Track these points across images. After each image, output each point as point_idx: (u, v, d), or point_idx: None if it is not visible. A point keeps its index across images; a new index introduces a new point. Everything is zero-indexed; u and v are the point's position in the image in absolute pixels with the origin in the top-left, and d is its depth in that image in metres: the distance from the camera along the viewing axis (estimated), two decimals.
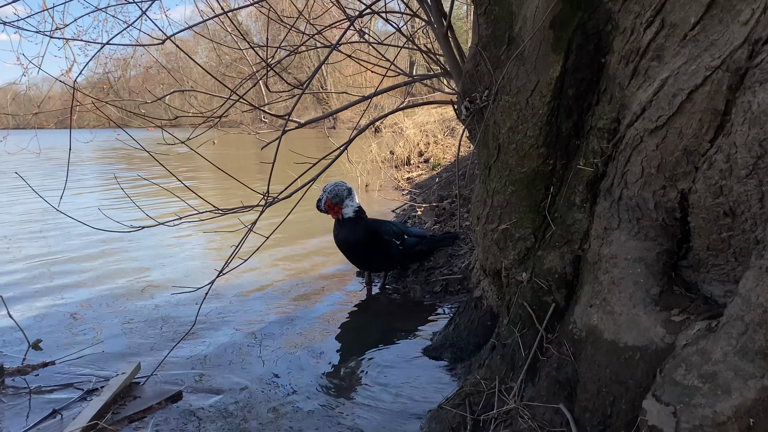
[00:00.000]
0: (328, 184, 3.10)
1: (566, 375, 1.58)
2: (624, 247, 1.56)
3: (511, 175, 1.80)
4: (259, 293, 3.25)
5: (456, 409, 1.70)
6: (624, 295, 1.52)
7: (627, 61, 1.50)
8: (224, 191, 7.23)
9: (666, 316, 1.44)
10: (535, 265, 1.78)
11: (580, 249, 1.69)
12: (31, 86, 6.62)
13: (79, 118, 24.09)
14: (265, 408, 1.98)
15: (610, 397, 1.41)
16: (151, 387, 2.09)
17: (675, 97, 1.37)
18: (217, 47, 12.58)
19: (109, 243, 4.55)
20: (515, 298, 1.84)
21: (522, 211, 1.81)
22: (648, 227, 1.53)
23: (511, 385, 1.69)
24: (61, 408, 1.93)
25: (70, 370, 2.28)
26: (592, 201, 1.67)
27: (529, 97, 1.70)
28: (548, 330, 1.73)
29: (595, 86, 1.63)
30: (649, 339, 1.41)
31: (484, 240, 1.93)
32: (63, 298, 3.21)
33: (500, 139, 1.81)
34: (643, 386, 1.35)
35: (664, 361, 1.31)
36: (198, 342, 2.55)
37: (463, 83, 2.00)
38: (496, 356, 1.82)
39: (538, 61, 1.67)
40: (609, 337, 1.50)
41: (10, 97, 7.67)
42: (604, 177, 1.64)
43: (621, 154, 1.56)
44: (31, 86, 6.61)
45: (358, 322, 2.87)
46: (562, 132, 1.70)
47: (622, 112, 1.56)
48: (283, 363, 2.33)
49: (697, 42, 1.33)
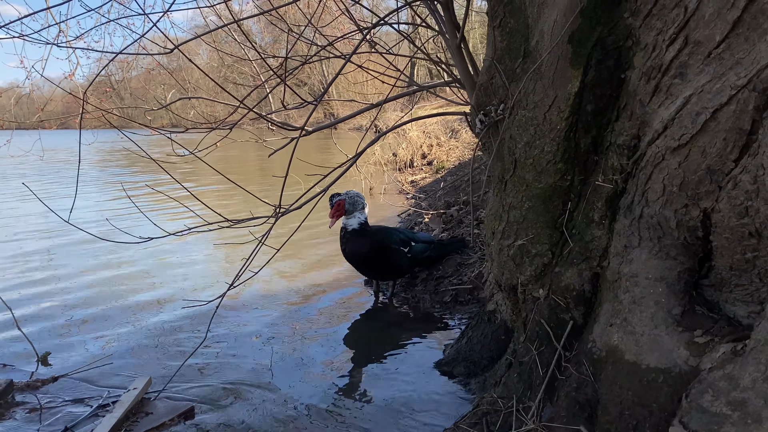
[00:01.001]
0: (351, 190, 3.10)
1: (586, 396, 1.56)
2: (645, 266, 1.54)
3: (528, 190, 1.78)
4: (266, 304, 3.23)
5: (473, 429, 1.68)
6: (645, 315, 1.50)
7: (648, 78, 1.48)
8: (228, 197, 7.20)
9: (689, 338, 1.42)
10: (553, 282, 1.76)
11: (598, 266, 1.67)
12: (34, 87, 6.59)
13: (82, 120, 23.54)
14: (275, 424, 1.96)
15: (633, 420, 1.39)
16: (162, 402, 2.07)
17: (699, 116, 1.35)
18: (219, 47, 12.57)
19: (117, 253, 4.51)
20: (532, 314, 1.82)
21: (539, 226, 1.78)
22: (669, 246, 1.51)
23: (529, 405, 1.67)
24: (73, 425, 1.92)
25: (80, 384, 2.26)
26: (612, 218, 1.65)
27: (546, 112, 1.68)
28: (566, 348, 1.71)
29: (615, 102, 1.61)
30: (672, 361, 1.39)
31: (499, 255, 1.91)
32: (71, 311, 3.19)
33: (516, 153, 1.79)
34: (668, 411, 1.32)
35: (690, 386, 1.29)
36: (207, 354, 2.53)
37: (477, 96, 1.98)
38: (513, 374, 1.80)
39: (556, 75, 1.65)
40: (630, 358, 1.47)
41: (13, 100, 7.64)
42: (623, 194, 1.61)
43: (642, 171, 1.53)
44: (33, 87, 6.58)
45: (366, 333, 2.85)
46: (581, 148, 1.67)
47: (642, 128, 1.54)
48: (291, 376, 2.31)
49: (722, 60, 1.31)
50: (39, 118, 7.21)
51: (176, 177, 2.25)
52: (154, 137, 2.38)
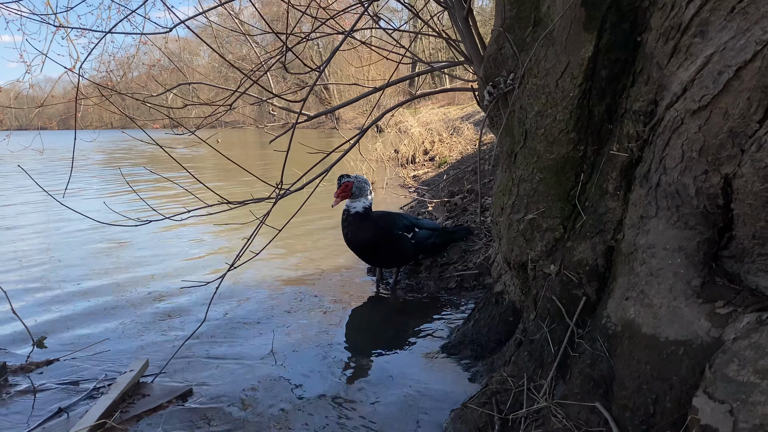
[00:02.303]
0: (360, 175, 3.04)
1: (601, 372, 1.49)
2: (662, 237, 1.47)
3: (539, 162, 1.72)
4: (266, 290, 3.17)
5: (482, 408, 1.61)
6: (663, 287, 1.43)
7: (667, 39, 1.42)
8: (227, 191, 7.15)
9: (710, 309, 1.35)
10: (565, 257, 1.70)
11: (612, 239, 1.61)
12: (34, 84, 6.54)
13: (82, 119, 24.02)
14: (275, 407, 1.89)
15: (652, 394, 1.32)
16: (159, 385, 2.01)
17: (720, 75, 1.29)
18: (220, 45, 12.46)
19: (114, 239, 4.47)
20: (543, 291, 1.75)
21: (550, 199, 1.72)
22: (688, 215, 1.45)
23: (540, 383, 1.60)
24: (67, 407, 1.85)
25: (76, 367, 2.20)
26: (627, 188, 1.58)
27: (558, 79, 1.62)
28: (578, 325, 1.64)
29: (631, 67, 1.55)
30: (693, 333, 1.33)
31: (509, 231, 1.85)
32: (67, 295, 3.13)
33: (527, 124, 1.73)
34: (690, 383, 1.26)
35: (713, 356, 1.23)
36: (206, 338, 2.47)
37: (485, 68, 1.91)
38: (523, 353, 1.73)
39: (568, 41, 1.59)
40: (648, 332, 1.41)
41: (12, 95, 7.60)
42: (639, 163, 1.55)
43: (659, 137, 1.47)
44: (33, 85, 6.54)
45: (370, 320, 2.78)
46: (594, 116, 1.61)
47: (660, 93, 1.47)
48: (293, 361, 2.25)
49: (746, 15, 1.24)
50: (38, 113, 7.15)
51: (180, 163, 2.19)
52: (157, 137, 2.36)
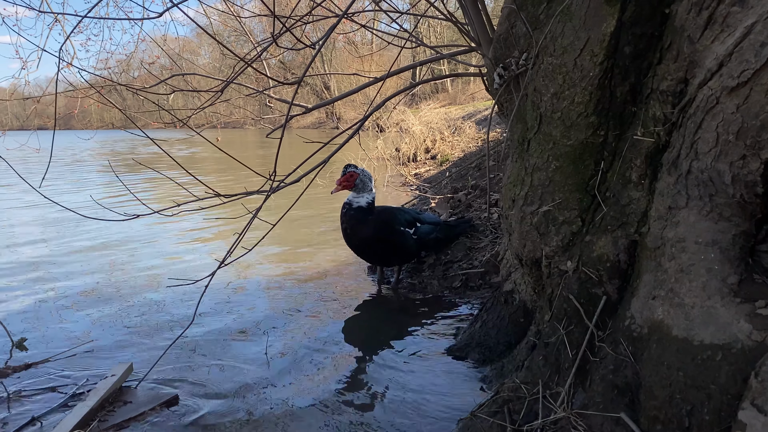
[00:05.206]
0: (367, 170, 2.90)
1: (625, 378, 1.35)
2: (694, 229, 1.33)
3: (555, 148, 1.57)
4: (260, 289, 3.03)
5: (493, 418, 1.47)
6: (696, 285, 1.29)
7: (700, 9, 1.28)
8: (222, 186, 7.00)
9: (750, 309, 1.21)
10: (583, 253, 1.55)
11: (636, 233, 1.47)
12: (34, 84, 6.43)
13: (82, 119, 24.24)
14: (269, 414, 1.75)
15: (687, 405, 1.18)
16: (144, 391, 1.87)
17: (763, 47, 1.15)
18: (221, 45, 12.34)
19: (102, 237, 4.35)
20: (558, 290, 1.61)
21: (567, 190, 1.58)
22: (723, 205, 1.30)
23: (557, 390, 1.46)
24: (40, 415, 1.71)
25: (56, 371, 2.06)
26: (652, 177, 1.44)
27: (577, 57, 1.48)
28: (598, 326, 1.50)
29: (658, 42, 1.41)
30: (732, 336, 1.18)
31: (521, 225, 1.71)
32: (51, 294, 2.99)
33: (542, 107, 1.59)
34: (731, 393, 1.12)
35: (759, 363, 1.09)
36: (196, 341, 2.33)
37: (494, 48, 1.77)
38: (538, 357, 1.59)
39: (588, 15, 1.45)
40: (679, 334, 1.27)
41: (9, 92, 7.49)
42: (667, 148, 1.41)
43: (690, 119, 1.33)
44: (33, 84, 6.43)
45: (371, 321, 2.64)
46: (617, 97, 1.47)
47: (691, 70, 1.33)
48: (288, 364, 2.11)
49: None
50: (38, 113, 7.02)
51: (174, 159, 2.06)
52: (157, 136, 2.25)
